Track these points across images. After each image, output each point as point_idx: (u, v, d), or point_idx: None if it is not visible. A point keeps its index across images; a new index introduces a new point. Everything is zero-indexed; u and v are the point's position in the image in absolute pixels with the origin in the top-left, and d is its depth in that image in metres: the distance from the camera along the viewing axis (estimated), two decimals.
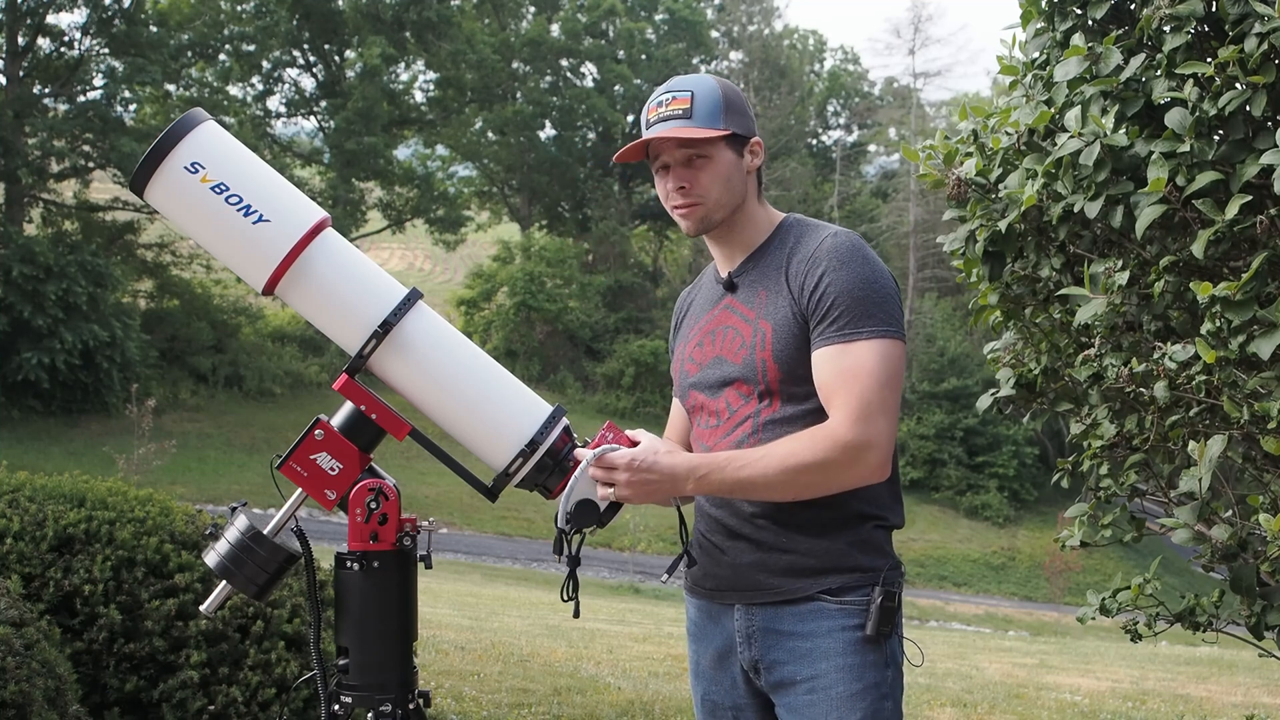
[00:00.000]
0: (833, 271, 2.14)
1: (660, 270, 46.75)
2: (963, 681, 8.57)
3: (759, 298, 2.24)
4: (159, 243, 34.12)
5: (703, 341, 2.32)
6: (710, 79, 2.26)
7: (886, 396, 2.10)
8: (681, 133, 2.19)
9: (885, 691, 2.19)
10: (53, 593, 3.58)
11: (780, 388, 2.18)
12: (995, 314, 3.29)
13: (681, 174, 2.22)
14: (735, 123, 2.23)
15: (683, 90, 2.23)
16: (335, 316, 2.08)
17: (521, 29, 42.59)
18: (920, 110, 48.95)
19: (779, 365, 2.17)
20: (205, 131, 2.00)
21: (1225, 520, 2.89)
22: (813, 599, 2.18)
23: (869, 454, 2.08)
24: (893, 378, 2.11)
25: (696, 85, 2.23)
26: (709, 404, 2.28)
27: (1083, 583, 26.73)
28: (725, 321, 2.28)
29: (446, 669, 6.65)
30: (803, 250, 2.21)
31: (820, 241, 2.20)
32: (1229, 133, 2.45)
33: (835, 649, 2.16)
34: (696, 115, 2.20)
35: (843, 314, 2.12)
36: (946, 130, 3.44)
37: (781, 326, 2.18)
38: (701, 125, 2.19)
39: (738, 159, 2.25)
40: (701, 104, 2.21)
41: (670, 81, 2.28)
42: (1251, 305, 2.33)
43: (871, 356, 2.10)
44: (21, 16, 31.12)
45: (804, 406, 2.17)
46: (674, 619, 13.95)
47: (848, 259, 2.15)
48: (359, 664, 2.06)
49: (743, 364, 2.21)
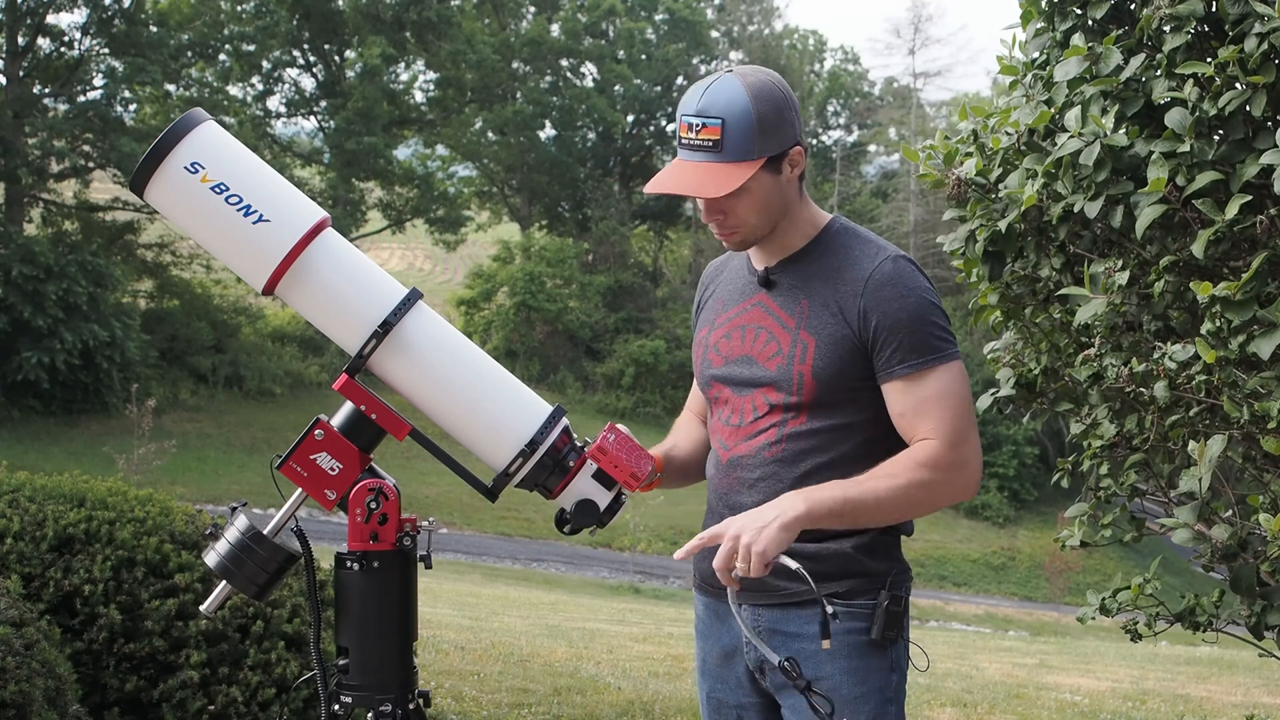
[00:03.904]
0: (896, 300, 2.13)
1: (660, 270, 46.76)
2: (963, 681, 8.57)
3: (800, 306, 2.20)
4: (159, 243, 34.12)
5: (730, 334, 2.29)
6: (744, 97, 2.10)
7: (971, 416, 2.16)
8: (705, 192, 2.10)
9: (890, 695, 2.20)
10: (53, 593, 3.58)
11: (811, 402, 2.17)
12: (995, 314, 3.29)
13: (713, 207, 2.16)
14: (772, 143, 2.12)
15: (714, 117, 2.09)
16: (335, 316, 2.07)
17: (521, 29, 42.59)
18: (920, 110, 49.01)
19: (816, 382, 2.16)
20: (205, 131, 2.00)
21: (1225, 520, 2.89)
22: (819, 601, 2.18)
23: (965, 473, 2.14)
24: (969, 396, 2.17)
25: (729, 110, 2.09)
26: (734, 400, 2.26)
27: (1083, 583, 26.73)
28: (759, 321, 2.25)
29: (446, 669, 6.65)
30: (856, 271, 2.17)
31: (878, 265, 2.16)
32: (1229, 133, 2.45)
33: (841, 651, 2.16)
34: (727, 148, 2.09)
35: (915, 344, 2.12)
36: (946, 130, 3.44)
37: (827, 345, 2.15)
38: (732, 159, 2.09)
39: (776, 178, 2.16)
40: (733, 134, 2.09)
41: (704, 95, 2.12)
42: (1251, 305, 2.33)
43: (950, 380, 2.13)
44: (21, 16, 31.12)
45: (829, 422, 2.17)
46: (674, 619, 13.96)
47: (909, 286, 2.14)
48: (359, 664, 2.06)
49: (777, 372, 2.19)
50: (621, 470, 2.10)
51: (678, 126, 2.16)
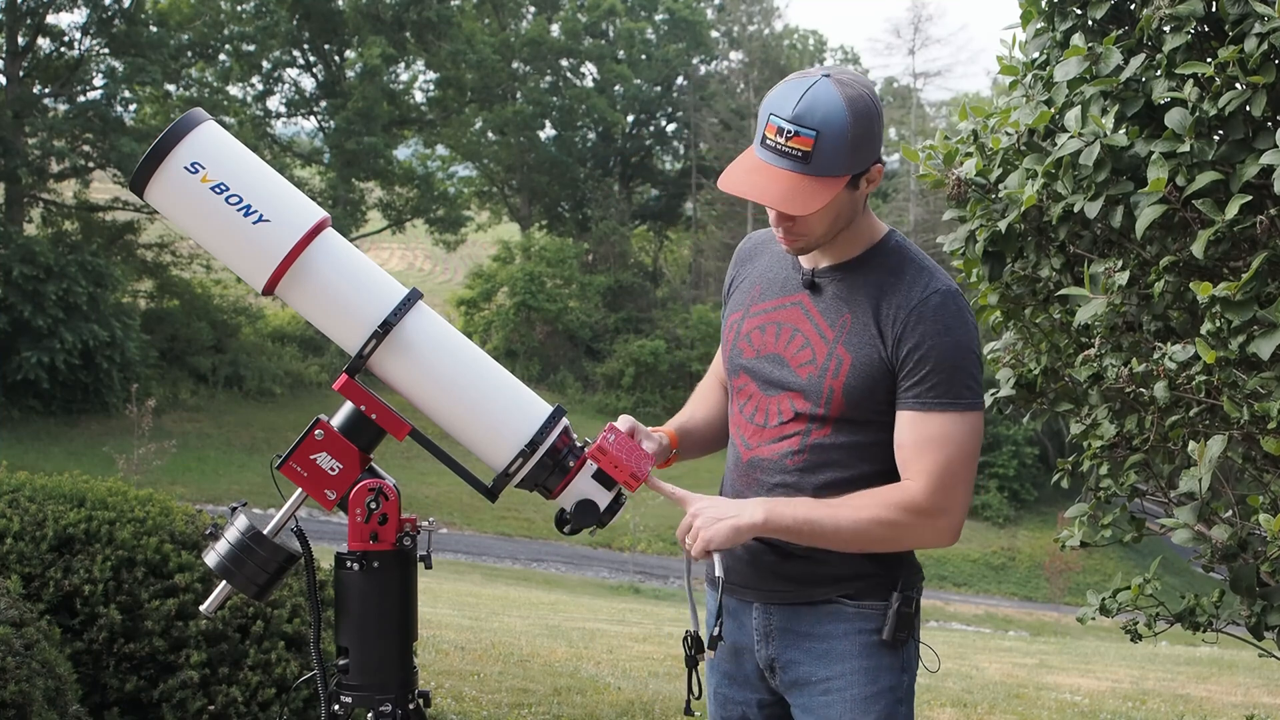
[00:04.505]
0: (936, 336, 2.09)
1: (660, 270, 46.76)
2: (963, 681, 8.57)
3: (843, 320, 2.16)
4: (159, 243, 34.13)
5: (765, 327, 2.25)
6: (843, 112, 2.01)
7: (968, 469, 2.11)
8: (789, 208, 2.04)
9: (900, 696, 2.20)
10: (53, 593, 3.58)
11: (838, 417, 2.16)
12: (995, 314, 3.29)
13: (784, 215, 2.12)
14: (860, 161, 2.06)
15: (809, 128, 2.00)
16: (335, 316, 2.07)
17: (521, 29, 42.61)
18: (920, 110, 49.03)
19: (845, 399, 2.14)
20: (205, 131, 2.00)
21: (1225, 520, 2.89)
22: (831, 601, 2.19)
23: (941, 521, 2.11)
24: (976, 451, 2.13)
25: (825, 124, 2.00)
26: (759, 397, 2.24)
27: (1083, 583, 26.74)
28: (796, 323, 2.22)
29: (446, 669, 6.65)
30: (902, 295, 2.12)
31: (926, 295, 2.11)
32: (1229, 133, 2.45)
33: (852, 651, 2.17)
34: (816, 163, 2.02)
35: (940, 382, 2.08)
36: (946, 130, 3.44)
37: (861, 364, 2.13)
38: (819, 174, 2.03)
39: (853, 193, 2.11)
40: (825, 149, 2.01)
41: (801, 101, 2.01)
42: (1251, 305, 2.33)
43: (961, 429, 2.09)
44: (21, 16, 31.13)
45: (854, 439, 2.16)
46: (674, 619, 13.95)
47: (953, 325, 2.10)
48: (359, 664, 2.06)
49: (807, 381, 2.17)
50: (621, 470, 2.10)
51: (763, 124, 2.07)
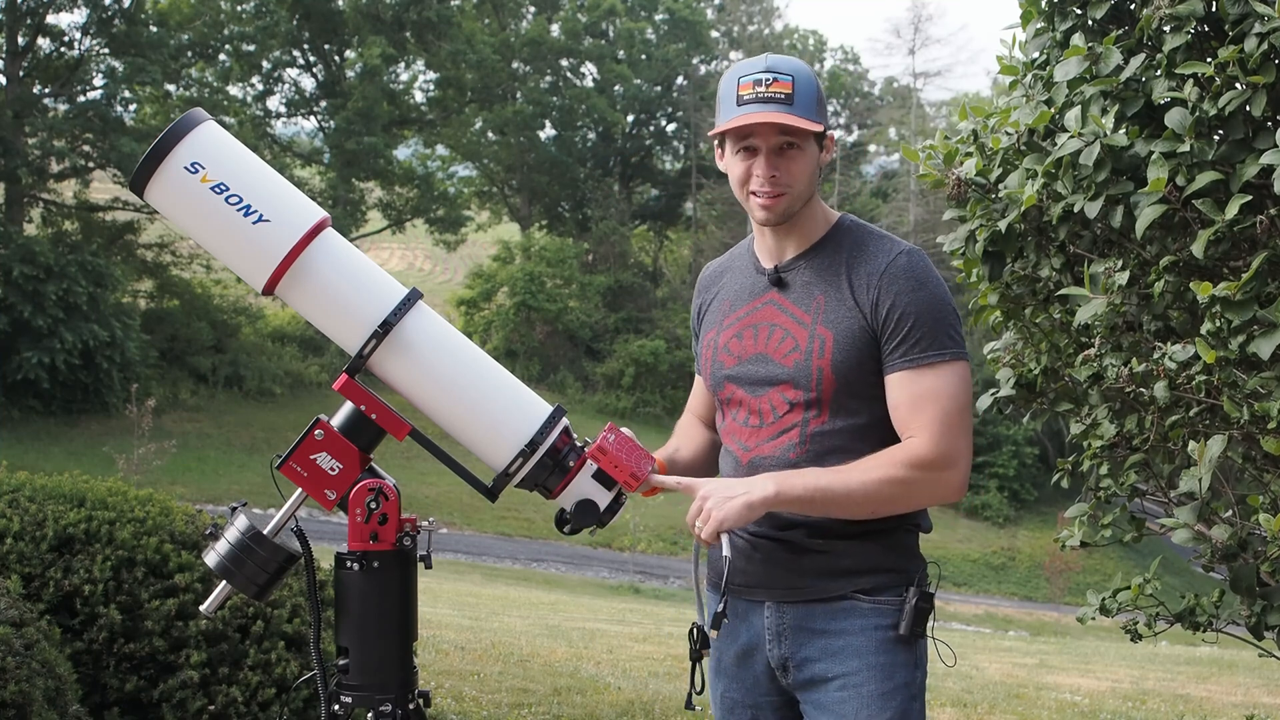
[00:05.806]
0: (910, 293, 2.14)
1: (660, 270, 46.74)
2: (963, 681, 8.57)
3: (816, 302, 2.20)
4: (159, 243, 34.11)
5: (742, 334, 2.28)
6: (806, 67, 2.21)
7: (965, 418, 2.14)
8: (794, 121, 2.13)
9: (915, 692, 2.20)
10: (53, 593, 3.58)
11: (831, 399, 2.16)
12: (995, 314, 3.29)
13: (774, 161, 2.17)
14: (823, 115, 2.21)
15: (784, 73, 2.16)
16: (335, 316, 2.07)
17: (521, 29, 42.58)
18: (920, 110, 48.98)
19: (836, 376, 2.15)
20: (205, 131, 2.00)
21: (1225, 520, 2.89)
22: (846, 597, 2.19)
23: (950, 473, 2.12)
24: (969, 400, 2.16)
25: (797, 71, 2.18)
26: (749, 401, 2.25)
27: (1083, 583, 26.73)
28: (771, 319, 2.24)
29: (446, 669, 6.65)
30: (870, 264, 2.18)
31: (893, 259, 2.17)
32: (1229, 133, 2.44)
33: (868, 647, 2.17)
34: (798, 103, 2.15)
35: (922, 338, 2.12)
36: (946, 130, 3.43)
37: (844, 338, 2.16)
38: (803, 115, 2.15)
39: (818, 155, 2.23)
40: (802, 92, 2.16)
41: (767, 59, 2.20)
42: (1251, 305, 2.33)
43: (950, 379, 2.12)
44: (21, 16, 31.11)
45: (853, 421, 2.17)
46: (674, 619, 13.95)
47: (924, 280, 2.15)
48: (359, 664, 2.06)
49: (794, 368, 2.18)
50: (621, 470, 2.10)
51: (733, 91, 2.17)
